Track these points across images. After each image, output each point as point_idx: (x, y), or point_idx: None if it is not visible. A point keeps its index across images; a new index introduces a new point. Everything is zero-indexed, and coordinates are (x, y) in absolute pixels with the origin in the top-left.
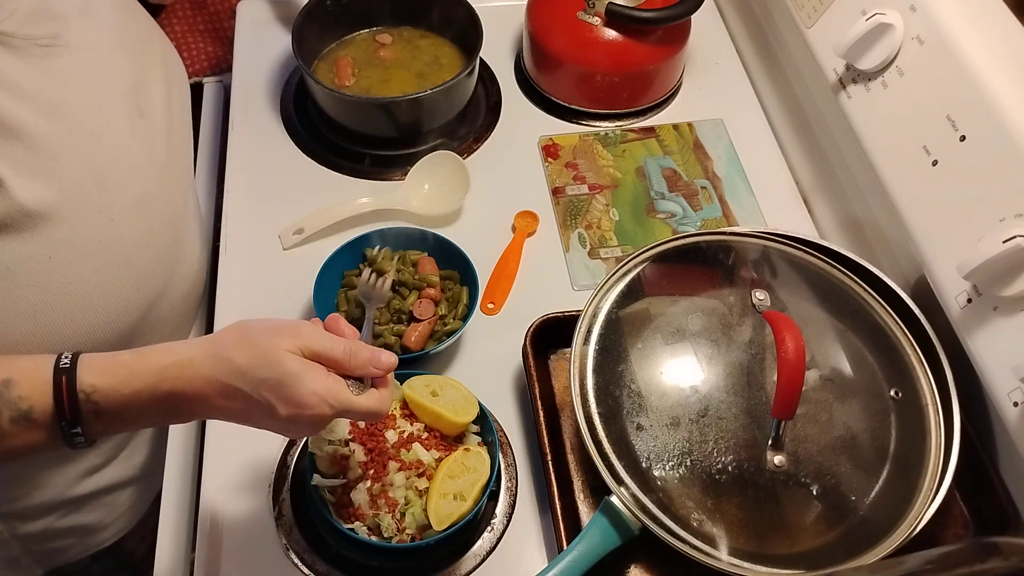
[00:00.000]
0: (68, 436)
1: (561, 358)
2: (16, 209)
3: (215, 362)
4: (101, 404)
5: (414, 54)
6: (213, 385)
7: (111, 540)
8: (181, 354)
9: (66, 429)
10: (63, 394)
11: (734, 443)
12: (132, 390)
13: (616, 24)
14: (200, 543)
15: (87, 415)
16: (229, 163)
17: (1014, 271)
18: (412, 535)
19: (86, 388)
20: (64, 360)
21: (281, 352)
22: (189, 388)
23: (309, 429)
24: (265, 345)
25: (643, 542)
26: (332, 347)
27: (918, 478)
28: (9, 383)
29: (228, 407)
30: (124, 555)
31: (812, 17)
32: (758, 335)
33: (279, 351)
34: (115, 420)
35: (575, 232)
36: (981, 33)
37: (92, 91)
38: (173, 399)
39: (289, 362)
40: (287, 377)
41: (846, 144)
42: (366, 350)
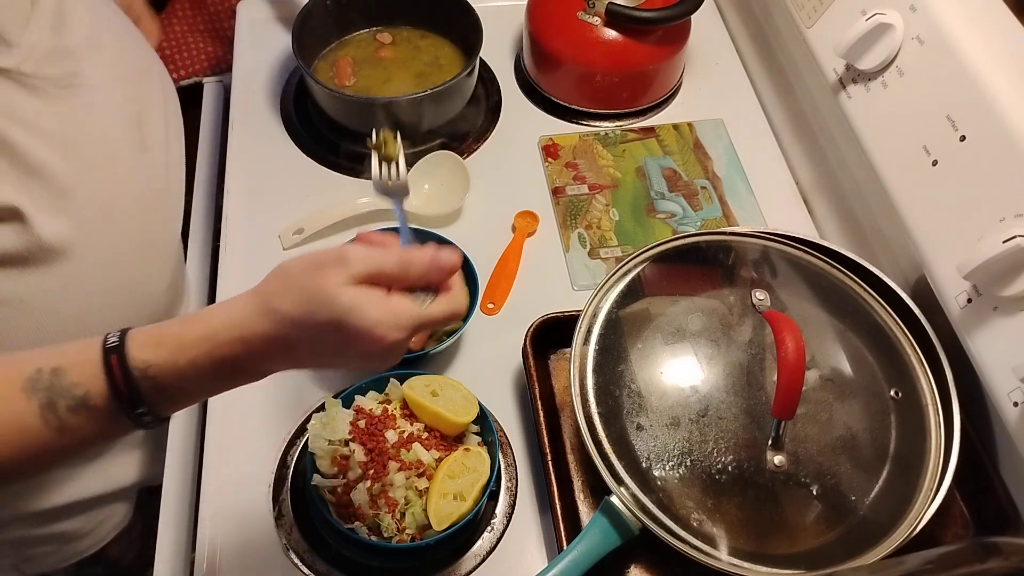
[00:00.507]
0: (133, 417)
1: (561, 358)
2: (35, 244)
3: (267, 317)
4: (159, 379)
5: (414, 54)
6: (272, 342)
7: (94, 548)
8: (230, 315)
9: (128, 410)
10: (116, 374)
11: (734, 443)
12: (188, 360)
13: (616, 24)
14: (200, 543)
15: (147, 391)
16: (229, 163)
17: (1014, 271)
18: (412, 535)
19: (139, 364)
20: (111, 339)
21: (332, 289)
22: (247, 349)
23: (391, 359)
24: (313, 285)
25: (643, 542)
26: (383, 263)
27: (918, 478)
28: (59, 371)
29: (295, 358)
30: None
31: (812, 17)
32: (758, 335)
33: (329, 288)
34: (179, 392)
35: (575, 232)
36: (981, 33)
37: (102, 127)
38: (233, 363)
39: (343, 297)
40: (345, 314)
41: (846, 144)
42: (421, 254)
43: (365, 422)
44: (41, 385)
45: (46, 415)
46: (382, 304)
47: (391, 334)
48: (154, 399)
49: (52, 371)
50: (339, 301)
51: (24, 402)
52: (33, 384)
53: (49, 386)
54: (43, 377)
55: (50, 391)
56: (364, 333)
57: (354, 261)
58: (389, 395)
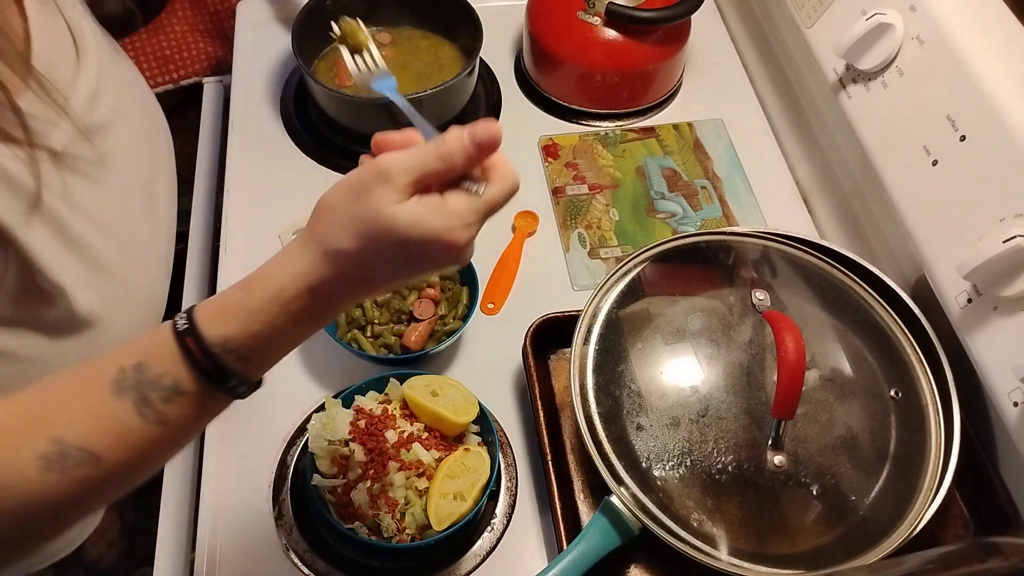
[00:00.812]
0: (227, 391)
1: (561, 358)
2: (71, 316)
3: (329, 261)
4: (241, 349)
5: (414, 54)
6: (342, 283)
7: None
8: (292, 269)
9: (220, 385)
10: (198, 356)
11: (734, 443)
12: (263, 323)
13: (616, 24)
14: (200, 543)
15: (232, 364)
16: (229, 163)
17: (1014, 271)
18: (412, 535)
19: (217, 341)
20: (180, 323)
21: (386, 211)
22: (319, 297)
23: (467, 256)
24: (367, 214)
25: (643, 542)
26: (425, 164)
27: (918, 478)
28: (141, 366)
29: (373, 287)
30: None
31: (812, 17)
32: (758, 335)
33: (383, 211)
34: (263, 354)
35: (575, 232)
36: (981, 33)
37: (124, 200)
38: (308, 312)
39: (401, 217)
40: (409, 233)
41: (846, 144)
42: (459, 140)
43: (365, 422)
44: (129, 383)
45: (143, 411)
46: (441, 210)
47: (461, 236)
48: (242, 369)
49: (135, 367)
50: (398, 222)
51: (118, 404)
52: (121, 384)
53: (137, 383)
54: (128, 375)
55: (139, 387)
56: (434, 244)
57: (397, 173)
58: (389, 395)
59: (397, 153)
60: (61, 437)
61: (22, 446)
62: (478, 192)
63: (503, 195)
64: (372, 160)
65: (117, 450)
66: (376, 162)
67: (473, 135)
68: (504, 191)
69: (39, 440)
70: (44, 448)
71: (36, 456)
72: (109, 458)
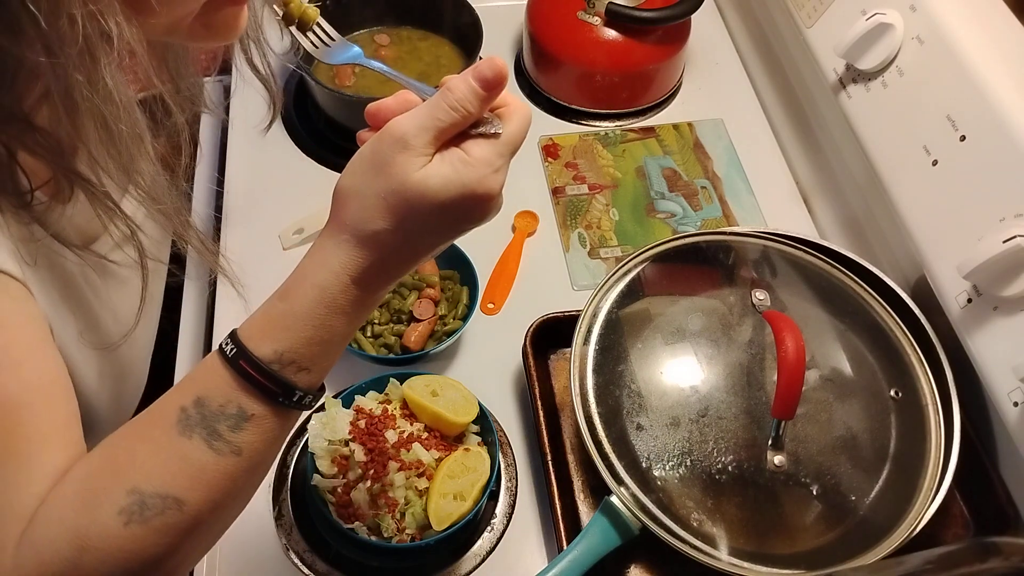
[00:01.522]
0: (295, 405)
1: (561, 358)
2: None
3: (367, 246)
4: (299, 360)
5: (414, 54)
6: (387, 263)
7: None
8: (332, 265)
9: (287, 400)
10: (256, 378)
11: (734, 443)
12: (314, 328)
13: (616, 24)
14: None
15: (294, 377)
16: (229, 163)
17: (1014, 271)
18: (412, 535)
19: (273, 357)
20: (228, 349)
21: (415, 179)
22: (366, 285)
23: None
24: (395, 187)
25: (643, 542)
26: (439, 120)
27: (918, 478)
28: (201, 401)
29: (417, 258)
30: None
31: (812, 17)
32: (758, 335)
33: (412, 180)
34: (322, 357)
35: (575, 232)
36: (981, 33)
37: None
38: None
39: (431, 181)
40: (441, 195)
41: (846, 144)
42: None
43: (365, 422)
44: (193, 421)
45: (214, 445)
46: (468, 163)
47: (494, 183)
48: (304, 379)
49: (195, 403)
50: (429, 187)
51: (187, 443)
52: (185, 423)
53: (202, 418)
54: (191, 413)
55: (205, 422)
56: (470, 199)
57: (414, 135)
58: (389, 395)
59: (406, 116)
60: (137, 487)
61: (101, 503)
62: (497, 133)
63: (522, 130)
64: (382, 130)
65: (197, 490)
66: (388, 130)
67: (480, 77)
68: (522, 125)
69: (117, 494)
70: (123, 502)
71: (116, 512)
72: (190, 499)
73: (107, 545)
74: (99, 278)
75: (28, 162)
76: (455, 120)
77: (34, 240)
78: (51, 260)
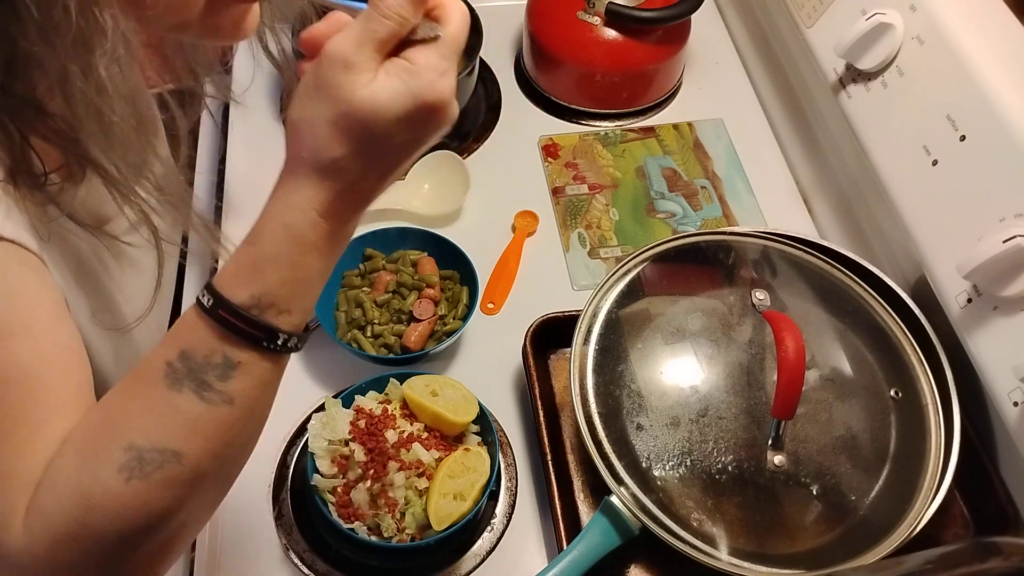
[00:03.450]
0: (280, 347)
1: (561, 358)
2: None
3: (329, 176)
4: (277, 302)
5: None
6: (352, 190)
7: None
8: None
9: (271, 342)
10: (237, 324)
11: (734, 443)
12: (288, 268)
13: (616, 24)
14: (200, 543)
15: (275, 320)
16: (229, 163)
17: (1014, 271)
18: (412, 535)
19: (250, 302)
20: (206, 300)
21: (361, 97)
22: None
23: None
24: (343, 108)
25: (643, 542)
26: (374, 30)
27: (918, 478)
28: (186, 354)
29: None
30: None
31: (812, 17)
32: (758, 335)
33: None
34: (301, 296)
35: (575, 232)
36: (981, 33)
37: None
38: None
39: (379, 96)
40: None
41: (846, 144)
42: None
43: (365, 422)
44: (181, 374)
45: (204, 395)
46: (412, 71)
47: (443, 87)
48: (285, 321)
49: (180, 357)
50: (379, 102)
51: (178, 396)
52: (173, 377)
53: (188, 370)
54: (177, 366)
55: (192, 374)
56: (422, 108)
57: (352, 52)
58: (389, 395)
59: (342, 35)
60: (134, 443)
61: (101, 462)
62: (437, 36)
63: (462, 28)
64: (321, 53)
65: (193, 441)
66: (326, 53)
67: None
68: (461, 23)
69: (115, 452)
70: (121, 459)
71: (116, 469)
72: (188, 451)
73: (111, 502)
74: (113, 260)
75: (41, 146)
76: (392, 29)
77: (48, 219)
78: (65, 240)
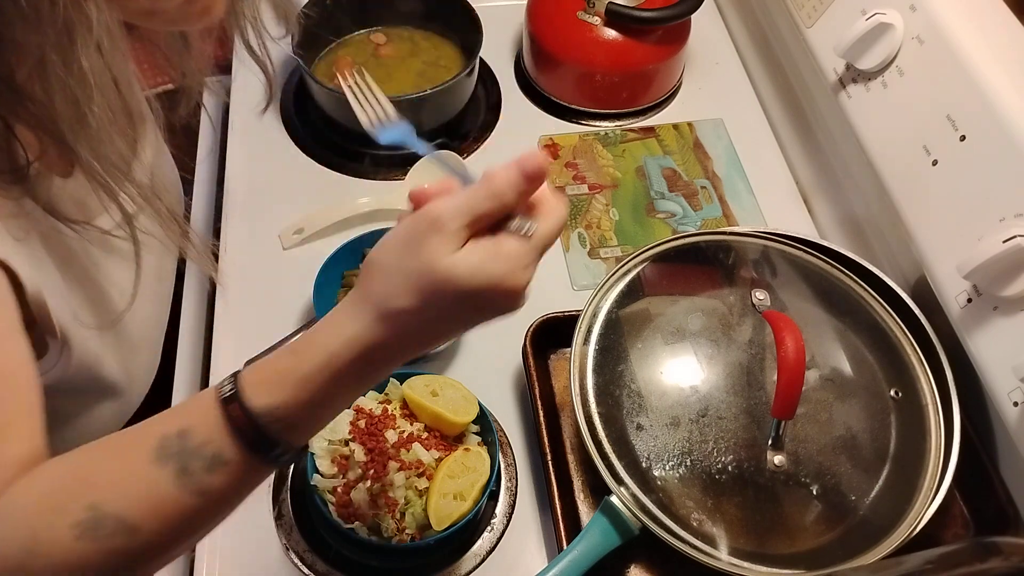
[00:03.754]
0: (270, 460)
1: (561, 358)
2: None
3: (385, 323)
4: (288, 418)
5: (414, 54)
6: (401, 343)
7: None
8: (346, 333)
9: (264, 454)
10: (242, 425)
11: (734, 443)
12: (313, 392)
13: (616, 24)
14: (200, 543)
15: (278, 434)
16: (229, 163)
17: (1014, 271)
18: (412, 535)
19: (264, 411)
20: (226, 390)
21: (443, 263)
22: (374, 361)
23: (524, 300)
24: (422, 268)
25: (643, 542)
26: (477, 206)
27: (918, 478)
28: (186, 433)
29: (432, 342)
30: None
31: (812, 17)
32: (758, 335)
33: (440, 264)
34: (311, 421)
35: (575, 232)
36: (981, 33)
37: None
38: (359, 377)
39: (459, 268)
40: (467, 284)
41: (846, 144)
42: (509, 176)
43: (365, 422)
44: (172, 451)
45: (182, 480)
46: (499, 256)
47: (521, 279)
48: (287, 437)
49: (179, 435)
50: (457, 274)
51: (158, 472)
52: (163, 453)
53: (180, 451)
54: (172, 443)
55: (181, 456)
56: (495, 291)
57: (449, 219)
58: (389, 395)
59: (444, 199)
60: (97, 505)
61: (59, 512)
62: (529, 232)
63: (555, 230)
64: (420, 210)
65: (152, 521)
66: (426, 211)
67: (523, 168)
68: (555, 226)
69: (76, 507)
70: (79, 515)
71: (71, 524)
72: (144, 528)
73: (55, 554)
74: (103, 253)
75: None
76: (491, 208)
77: (24, 214)
78: (47, 234)
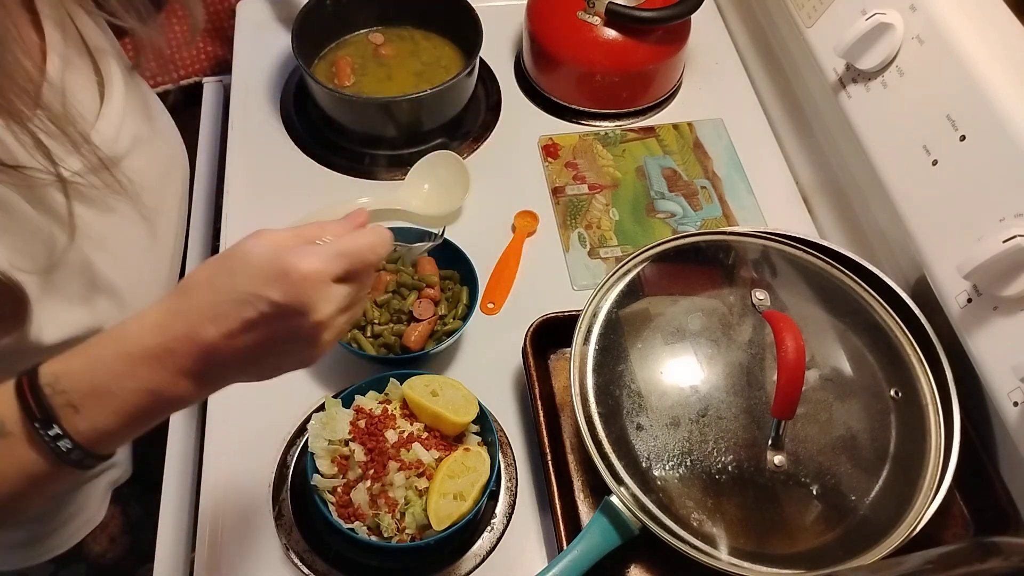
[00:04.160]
0: (49, 440)
1: (561, 358)
2: None
3: (179, 297)
4: (71, 392)
5: (414, 54)
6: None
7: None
8: (143, 320)
9: (45, 431)
10: (25, 390)
11: (734, 443)
12: (99, 370)
13: (616, 24)
14: (200, 543)
15: (60, 408)
16: (229, 163)
17: (1014, 271)
18: (412, 535)
19: (48, 379)
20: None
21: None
22: (166, 354)
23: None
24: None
25: (643, 542)
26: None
27: (918, 478)
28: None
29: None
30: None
31: (812, 17)
32: (758, 335)
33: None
34: (97, 408)
35: (575, 232)
36: (981, 33)
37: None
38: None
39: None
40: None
41: (846, 144)
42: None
43: (365, 422)
44: None
45: None
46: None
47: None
48: (69, 416)
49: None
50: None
51: None
52: None
53: None
54: None
55: None
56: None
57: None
58: (389, 395)
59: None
60: None
61: None
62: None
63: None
64: None
65: None
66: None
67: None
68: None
69: None
70: None
71: None
72: None
73: None
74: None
75: None
76: (307, 230)
77: None
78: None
